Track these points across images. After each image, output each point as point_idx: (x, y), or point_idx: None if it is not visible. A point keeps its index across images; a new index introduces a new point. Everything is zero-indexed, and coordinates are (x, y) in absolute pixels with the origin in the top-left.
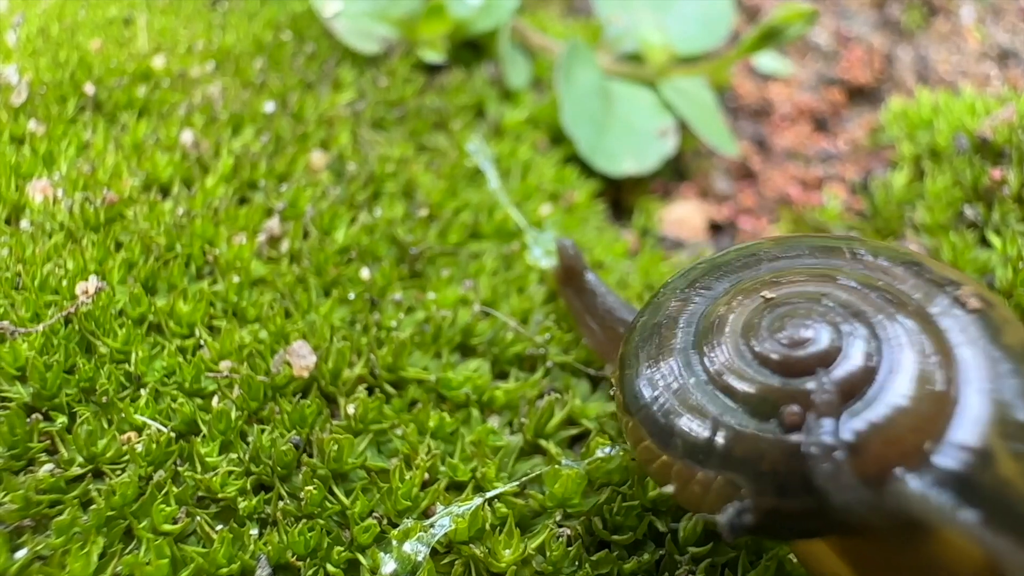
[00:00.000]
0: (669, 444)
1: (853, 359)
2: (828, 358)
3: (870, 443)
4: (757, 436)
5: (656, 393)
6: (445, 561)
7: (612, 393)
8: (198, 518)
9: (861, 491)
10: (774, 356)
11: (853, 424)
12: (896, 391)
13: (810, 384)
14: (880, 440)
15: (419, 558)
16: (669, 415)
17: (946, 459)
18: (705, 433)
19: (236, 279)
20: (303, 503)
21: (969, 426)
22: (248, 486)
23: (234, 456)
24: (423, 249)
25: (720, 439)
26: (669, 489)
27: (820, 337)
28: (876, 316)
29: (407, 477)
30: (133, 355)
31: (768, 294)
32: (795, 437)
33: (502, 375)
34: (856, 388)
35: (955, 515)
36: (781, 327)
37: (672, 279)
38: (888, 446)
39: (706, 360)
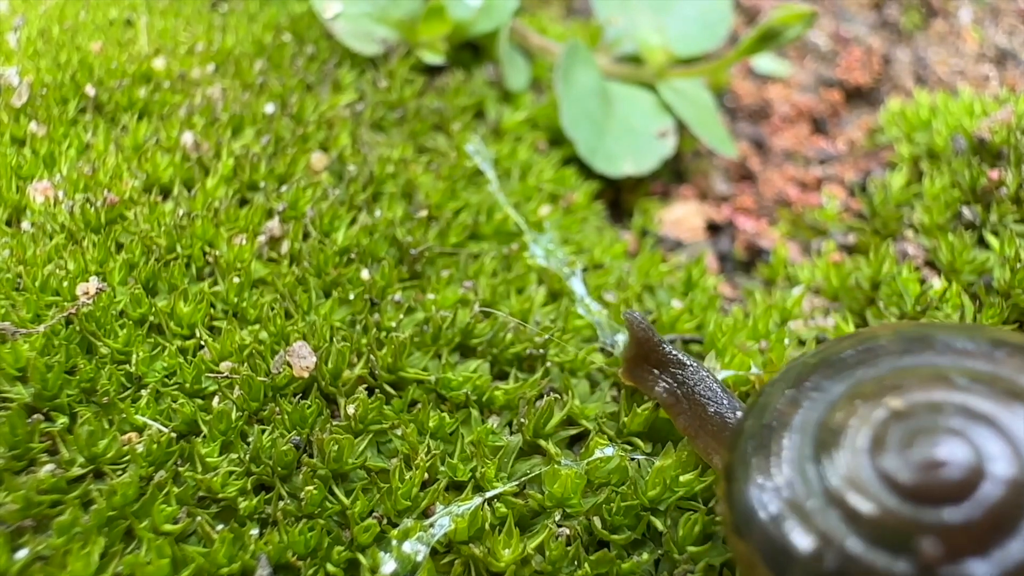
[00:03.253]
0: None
1: (998, 484)
2: (970, 483)
3: None
4: (889, 574)
5: (770, 515)
6: (445, 561)
7: (715, 505)
8: (199, 518)
9: None
10: (906, 480)
11: (1004, 563)
12: None
13: (950, 513)
14: None
15: (419, 558)
16: (786, 542)
17: None
18: (829, 567)
19: (236, 280)
20: (303, 503)
21: None
22: (248, 486)
23: (235, 456)
24: (423, 250)
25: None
26: None
27: (958, 457)
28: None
29: (407, 477)
30: (134, 356)
31: (895, 403)
32: None
33: (501, 375)
34: (1004, 518)
35: None
36: (912, 444)
37: (779, 376)
38: None
39: (826, 479)
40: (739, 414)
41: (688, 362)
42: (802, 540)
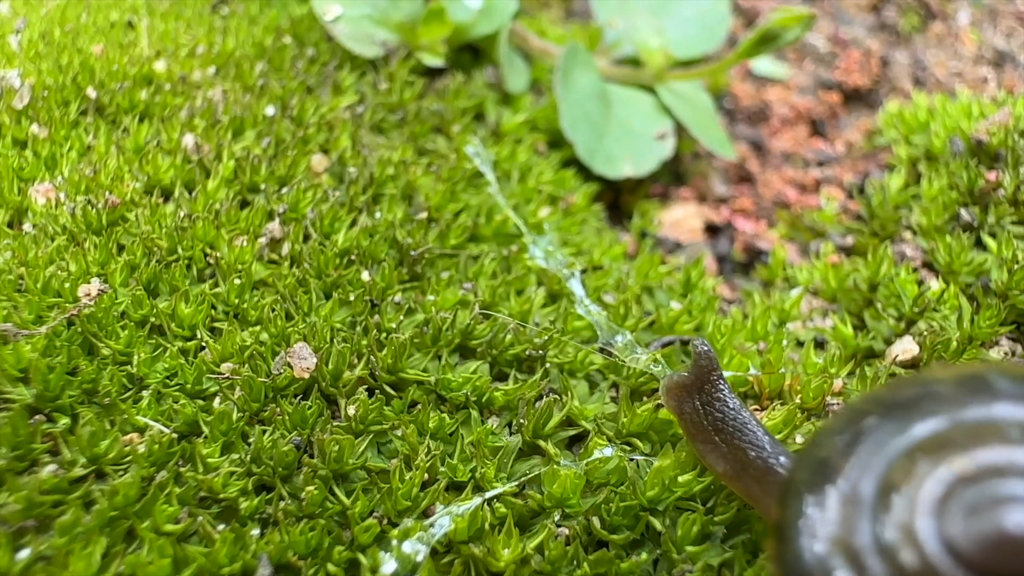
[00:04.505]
0: None
1: None
2: None
3: None
4: None
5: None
6: (445, 560)
7: (766, 561)
8: (200, 518)
9: None
10: (973, 554)
11: None
12: None
13: None
14: None
15: (419, 558)
16: None
17: None
18: None
19: (237, 281)
20: (304, 503)
21: None
22: (249, 486)
23: (236, 457)
24: (423, 251)
25: None
26: None
27: None
28: None
29: (407, 477)
30: (135, 357)
31: (963, 467)
32: None
33: (501, 376)
34: None
35: None
36: (984, 514)
37: (832, 423)
38: None
39: (884, 541)
40: (783, 459)
41: (732, 404)
42: None
